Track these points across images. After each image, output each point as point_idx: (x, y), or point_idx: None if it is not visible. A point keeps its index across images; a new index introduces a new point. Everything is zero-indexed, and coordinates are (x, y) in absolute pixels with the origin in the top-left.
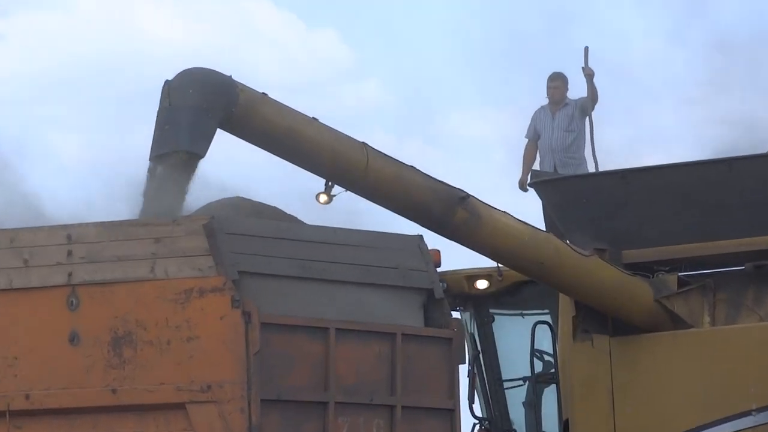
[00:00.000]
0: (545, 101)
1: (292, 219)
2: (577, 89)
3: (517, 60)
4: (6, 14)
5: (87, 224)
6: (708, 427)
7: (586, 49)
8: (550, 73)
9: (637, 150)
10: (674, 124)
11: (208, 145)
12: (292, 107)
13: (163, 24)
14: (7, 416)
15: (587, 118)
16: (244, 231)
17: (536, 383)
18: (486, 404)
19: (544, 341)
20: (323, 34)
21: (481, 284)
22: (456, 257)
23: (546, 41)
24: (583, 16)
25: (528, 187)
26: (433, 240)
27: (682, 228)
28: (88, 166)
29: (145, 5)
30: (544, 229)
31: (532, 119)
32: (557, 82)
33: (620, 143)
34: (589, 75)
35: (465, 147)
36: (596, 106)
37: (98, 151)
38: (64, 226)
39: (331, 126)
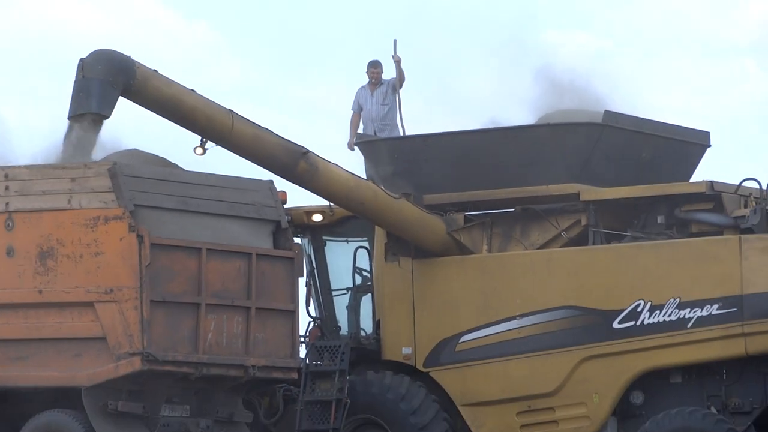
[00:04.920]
0: (366, 81)
1: (175, 166)
2: (388, 72)
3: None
4: None
5: (20, 166)
6: (483, 328)
7: (395, 41)
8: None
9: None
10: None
11: (113, 109)
12: (177, 81)
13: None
14: None
15: (397, 94)
16: (139, 174)
17: (357, 293)
18: (319, 307)
19: (363, 261)
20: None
21: (317, 218)
22: (298, 197)
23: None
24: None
25: (354, 147)
26: (281, 184)
27: (468, 179)
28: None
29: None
30: (366, 178)
31: (356, 96)
32: (378, 68)
33: (425, 111)
34: (397, 61)
35: (310, 114)
36: (403, 84)
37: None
38: (3, 168)
39: (205, 96)
